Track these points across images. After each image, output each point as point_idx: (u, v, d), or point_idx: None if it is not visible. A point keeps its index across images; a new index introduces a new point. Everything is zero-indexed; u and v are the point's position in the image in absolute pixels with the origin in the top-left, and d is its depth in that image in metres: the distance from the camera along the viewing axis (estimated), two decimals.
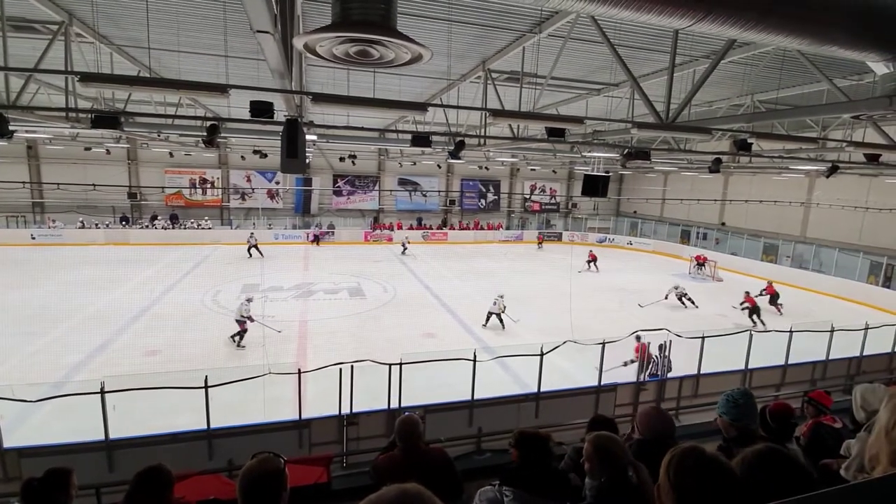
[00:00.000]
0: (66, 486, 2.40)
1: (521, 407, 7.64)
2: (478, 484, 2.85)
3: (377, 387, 7.15)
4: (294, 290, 17.45)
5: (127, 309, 14.30)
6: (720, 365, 8.99)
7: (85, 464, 5.82)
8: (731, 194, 27.09)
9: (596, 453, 2.21)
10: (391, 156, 29.61)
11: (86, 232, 25.16)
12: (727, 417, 2.62)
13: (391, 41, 2.73)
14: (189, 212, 28.70)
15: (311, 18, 7.05)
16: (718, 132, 10.51)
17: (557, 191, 36.12)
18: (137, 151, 27.01)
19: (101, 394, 6.13)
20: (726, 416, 2.62)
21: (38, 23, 7.91)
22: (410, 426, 2.95)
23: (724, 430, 2.65)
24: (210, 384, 6.44)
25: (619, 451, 2.18)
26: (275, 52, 4.07)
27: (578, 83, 11.49)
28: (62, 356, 10.84)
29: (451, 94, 12.49)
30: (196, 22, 7.85)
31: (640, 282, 21.30)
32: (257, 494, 1.76)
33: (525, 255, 27.43)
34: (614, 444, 2.22)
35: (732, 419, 2.60)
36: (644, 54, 8.74)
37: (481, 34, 8.08)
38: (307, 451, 6.61)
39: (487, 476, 3.50)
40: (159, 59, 10.16)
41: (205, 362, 10.44)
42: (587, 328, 13.01)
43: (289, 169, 5.99)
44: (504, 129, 14.96)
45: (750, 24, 3.41)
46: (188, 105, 15.42)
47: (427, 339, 12.90)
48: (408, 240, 27.32)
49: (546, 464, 2.57)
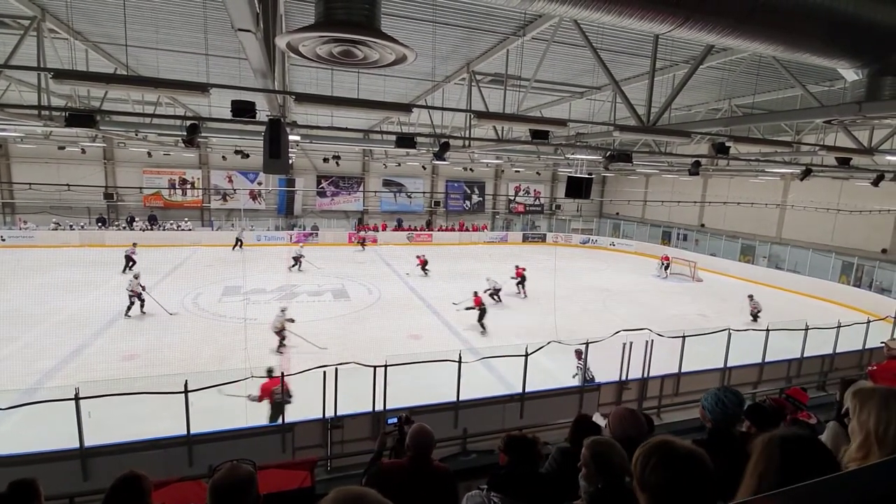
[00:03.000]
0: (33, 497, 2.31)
1: (506, 408, 7.67)
2: (465, 486, 2.85)
3: (362, 389, 7.09)
4: (277, 292, 17.24)
5: (103, 312, 13.93)
6: (700, 363, 9.17)
7: (58, 473, 5.64)
8: (710, 196, 27.67)
9: (594, 459, 2.18)
10: (376, 157, 29.49)
11: (60, 233, 24.43)
12: (710, 416, 2.67)
13: (375, 42, 2.71)
14: (168, 213, 28.10)
15: (293, 17, 6.98)
16: (697, 135, 10.74)
17: (541, 192, 36.43)
18: (114, 151, 26.36)
19: (76, 400, 5.96)
20: (710, 414, 2.67)
21: (8, 17, 7.67)
22: (427, 438, 2.87)
23: (703, 421, 2.72)
24: (190, 389, 6.30)
25: (617, 458, 2.16)
26: (257, 51, 4.02)
27: (562, 86, 11.61)
28: (34, 361, 10.51)
29: (436, 96, 12.51)
30: (175, 19, 7.70)
31: (622, 282, 21.60)
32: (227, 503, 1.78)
33: (510, 257, 27.56)
34: (612, 451, 2.19)
35: (714, 419, 2.65)
36: (626, 58, 8.87)
37: (466, 36, 8.11)
38: (291, 456, 6.52)
39: (473, 477, 3.51)
40: (137, 56, 9.94)
41: (185, 366, 10.23)
42: (571, 328, 13.14)
43: (271, 170, 5.92)
44: (489, 131, 15.03)
45: (727, 30, 3.50)
46: (167, 104, 15.12)
47: (412, 341, 12.85)
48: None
49: (534, 468, 2.56)
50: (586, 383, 8.45)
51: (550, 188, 36.57)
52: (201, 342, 12.05)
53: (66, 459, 5.86)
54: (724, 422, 2.62)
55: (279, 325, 11.80)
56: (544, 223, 36.24)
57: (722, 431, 2.60)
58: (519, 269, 18.85)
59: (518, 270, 18.77)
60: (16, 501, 2.24)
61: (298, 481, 5.08)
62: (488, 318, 14.04)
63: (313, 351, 11.29)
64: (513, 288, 18.28)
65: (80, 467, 5.87)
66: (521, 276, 18.65)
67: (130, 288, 13.90)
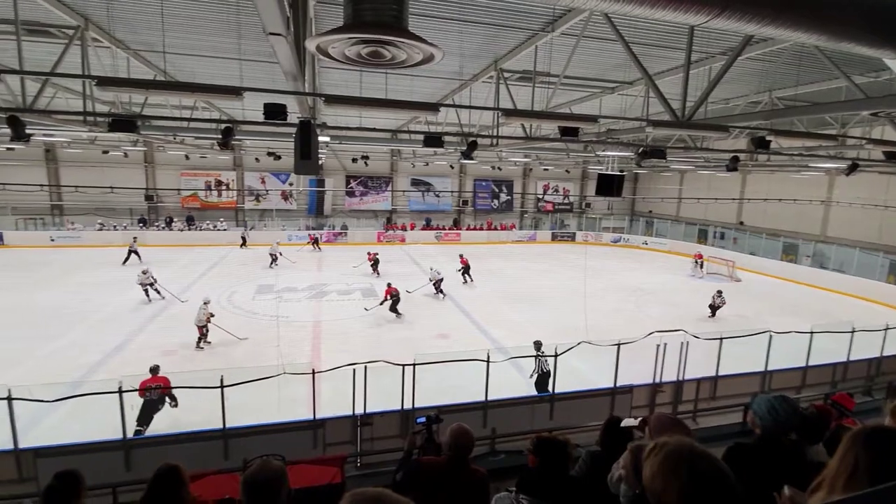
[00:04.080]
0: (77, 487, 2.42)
1: (536, 408, 7.59)
2: (493, 487, 2.82)
3: (390, 387, 7.15)
4: (308, 291, 17.58)
5: (144, 309, 14.53)
6: (739, 366, 8.83)
7: (102, 463, 5.91)
8: (750, 193, 26.62)
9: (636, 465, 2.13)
10: (404, 156, 29.68)
11: (104, 234, 25.63)
12: (760, 422, 2.55)
13: (403, 42, 2.71)
14: (205, 213, 29.09)
15: (323, 20, 7.08)
16: (736, 130, 10.34)
17: (571, 190, 35.89)
18: (154, 154, 27.44)
19: (119, 393, 6.23)
20: (760, 420, 2.55)
21: (54, 27, 8.05)
22: (467, 439, 2.83)
23: (751, 426, 2.60)
24: (225, 384, 6.50)
25: None
26: (287, 54, 4.09)
27: (592, 82, 11.38)
28: (80, 356, 11.05)
29: (464, 95, 12.47)
30: (210, 25, 7.93)
31: (656, 282, 21.05)
32: (258, 497, 1.86)
33: (540, 256, 27.28)
34: None
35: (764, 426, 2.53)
36: (659, 51, 8.61)
37: (493, 34, 8.04)
38: (321, 451, 6.64)
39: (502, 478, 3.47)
40: (174, 62, 10.30)
41: (221, 362, 10.55)
42: (602, 329, 12.87)
43: (302, 170, 6.02)
44: (517, 129, 14.89)
45: (767, 19, 3.33)
46: (203, 108, 15.61)
47: (440, 340, 12.88)
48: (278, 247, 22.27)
49: (565, 471, 2.49)
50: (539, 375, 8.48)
51: (580, 186, 35.99)
52: (235, 339, 12.39)
53: (110, 450, 6.13)
54: (775, 430, 2.49)
55: (203, 319, 11.74)
56: (574, 222, 35.71)
57: (771, 440, 2.48)
58: (463, 258, 19.99)
59: (462, 259, 19.91)
60: (61, 491, 2.35)
61: (329, 477, 5.17)
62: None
63: (343, 347, 11.44)
64: (459, 277, 19.52)
65: (122, 458, 6.13)
66: (466, 264, 19.77)
67: (140, 281, 15.48)
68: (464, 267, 19.75)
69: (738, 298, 18.19)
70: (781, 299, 18.57)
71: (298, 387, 7.86)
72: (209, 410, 6.63)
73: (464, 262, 19.90)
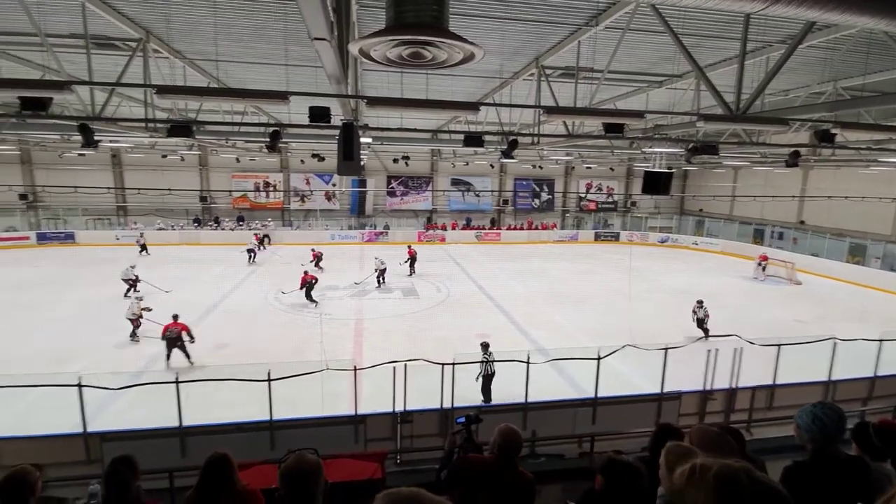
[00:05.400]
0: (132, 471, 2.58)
1: (578, 412, 7.43)
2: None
3: (430, 386, 7.20)
4: (349, 289, 17.97)
5: (199, 304, 15.32)
6: (798, 375, 8.30)
7: (160, 448, 6.27)
8: (812, 190, 24.93)
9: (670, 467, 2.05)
10: (444, 156, 29.81)
11: (163, 233, 27.23)
12: (806, 434, 2.39)
13: (444, 42, 2.72)
14: (254, 213, 30.37)
15: (366, 24, 7.21)
16: (796, 123, 9.72)
17: (615, 189, 34.89)
18: (208, 157, 28.89)
19: (176, 383, 6.60)
20: (806, 433, 2.39)
21: (119, 40, 8.61)
22: (516, 440, 2.76)
23: (799, 441, 2.44)
24: (272, 378, 6.75)
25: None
26: (331, 58, 4.19)
27: (638, 76, 11.00)
28: (142, 348, 11.78)
29: (504, 93, 12.37)
30: (259, 33, 8.25)
31: (706, 284, 20.12)
32: (295, 489, 1.93)
33: (582, 256, 26.71)
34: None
35: (812, 438, 2.37)
36: (711, 42, 8.21)
37: (535, 30, 7.93)
38: (363, 447, 6.77)
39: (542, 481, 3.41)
40: (226, 70, 10.79)
41: (268, 356, 10.97)
42: (647, 332, 12.44)
43: (345, 171, 6.16)
44: (558, 127, 14.63)
45: (830, 5, 3.10)
46: (252, 113, 16.28)
47: (480, 340, 12.83)
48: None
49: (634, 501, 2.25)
50: (484, 377, 8.31)
51: (625, 184, 34.93)
52: (282, 334, 12.86)
53: (167, 437, 6.50)
54: (824, 441, 2.33)
55: (136, 313, 12.31)
56: (618, 221, 34.70)
57: (827, 454, 2.31)
58: (410, 249, 20.75)
59: (410, 251, 20.65)
60: (119, 475, 2.51)
61: (370, 472, 5.26)
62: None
63: (384, 346, 11.61)
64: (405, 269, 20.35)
65: (179, 444, 6.49)
66: (412, 255, 20.49)
67: (124, 276, 16.21)
68: (410, 258, 20.48)
69: (797, 303, 17.13)
70: (846, 304, 17.31)
71: (340, 383, 8.05)
72: (257, 402, 6.89)
73: (411, 253, 20.68)
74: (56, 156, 25.22)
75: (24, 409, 7.71)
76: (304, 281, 15.46)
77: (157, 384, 6.93)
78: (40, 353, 11.25)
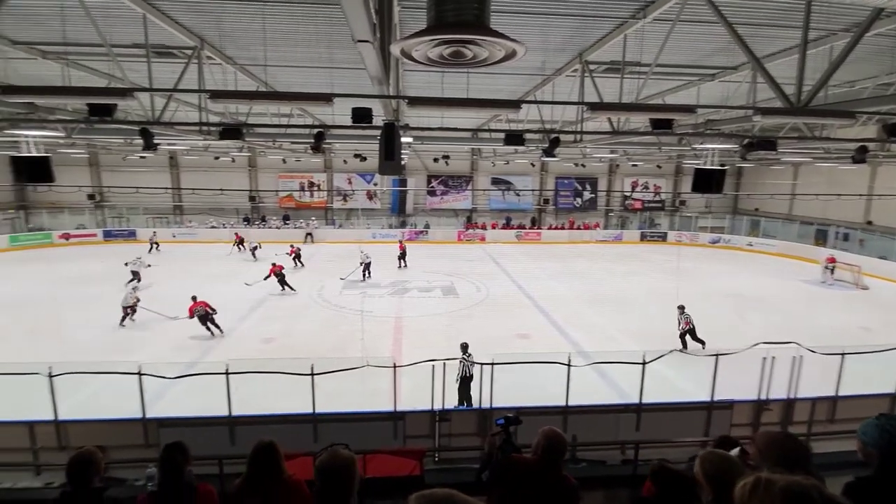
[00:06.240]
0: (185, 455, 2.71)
1: (621, 418, 7.21)
2: None
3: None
4: (390, 288, 18.22)
5: (248, 299, 15.98)
6: (864, 387, 7.71)
7: (211, 436, 6.58)
8: (881, 188, 23.07)
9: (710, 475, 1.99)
10: (484, 155, 29.70)
11: (215, 231, 28.63)
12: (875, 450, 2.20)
13: (484, 39, 2.69)
14: (299, 213, 31.41)
15: (408, 25, 7.27)
16: (863, 116, 9.01)
17: (662, 187, 33.61)
18: (256, 159, 30.11)
19: (226, 374, 6.90)
20: (875, 448, 2.21)
21: (176, 48, 9.09)
22: (561, 443, 2.68)
23: (862, 457, 2.25)
24: (315, 372, 6.95)
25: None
26: (374, 59, 4.25)
27: (689, 69, 10.53)
28: (194, 340, 12.41)
29: (546, 90, 12.16)
30: (305, 38, 8.49)
31: (762, 287, 19.07)
32: (330, 483, 1.97)
33: (626, 256, 25.94)
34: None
35: (882, 453, 2.18)
36: (769, 31, 7.75)
37: (579, 25, 7.74)
38: (402, 443, 6.85)
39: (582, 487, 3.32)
40: (274, 74, 11.17)
41: (311, 352, 11.29)
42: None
43: (386, 171, 6.25)
44: (602, 124, 14.26)
45: None
46: (298, 115, 16.79)
47: (519, 340, 12.71)
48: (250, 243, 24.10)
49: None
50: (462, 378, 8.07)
51: (673, 182, 33.59)
52: (325, 330, 13.21)
53: (218, 425, 6.81)
54: (894, 456, 2.14)
55: (130, 301, 13.46)
56: (665, 221, 33.42)
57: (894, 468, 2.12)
58: (401, 244, 22.48)
59: (400, 245, 22.30)
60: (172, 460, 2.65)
61: (409, 469, 5.32)
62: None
63: (423, 343, 11.70)
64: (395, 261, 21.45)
65: (228, 433, 6.79)
66: (403, 250, 21.90)
67: (134, 267, 17.59)
68: (401, 252, 21.68)
69: (863, 308, 15.94)
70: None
71: (380, 379, 8.17)
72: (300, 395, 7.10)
73: (401, 247, 22.04)
74: (120, 158, 27.06)
75: (91, 395, 8.29)
76: (273, 272, 15.90)
77: (209, 375, 7.27)
78: (106, 342, 12.10)
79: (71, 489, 2.50)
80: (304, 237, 27.94)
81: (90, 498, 2.50)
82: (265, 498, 2.45)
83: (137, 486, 4.56)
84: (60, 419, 6.75)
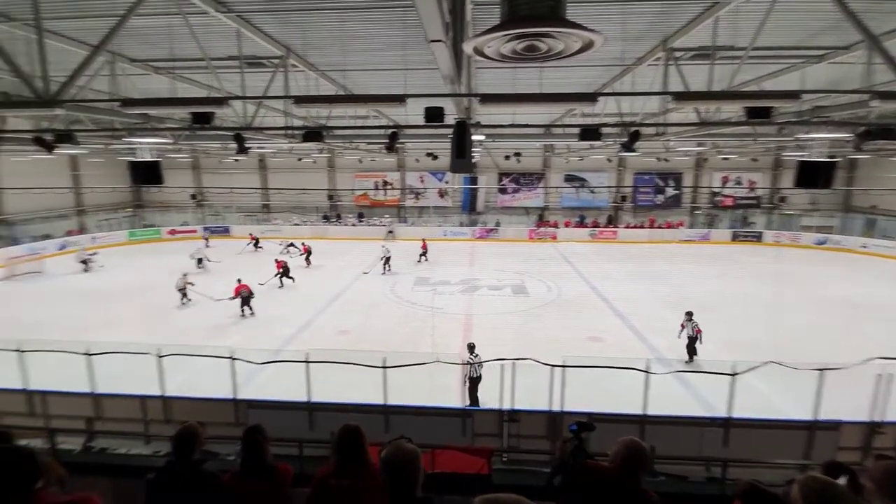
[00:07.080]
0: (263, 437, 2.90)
1: (706, 432, 6.69)
2: None
3: (538, 386, 7.04)
4: (460, 285, 18.35)
5: (327, 293, 16.86)
6: None
7: (292, 420, 7.02)
8: None
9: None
10: (557, 151, 28.91)
11: (298, 228, 30.54)
12: None
13: (559, 31, 2.61)
14: (373, 211, 32.62)
15: (480, 22, 7.24)
16: None
17: (758, 182, 30.68)
18: (335, 160, 31.66)
19: (306, 363, 7.33)
20: None
21: (265, 58, 9.77)
22: (641, 455, 2.55)
23: None
24: (387, 365, 7.16)
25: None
26: (446, 58, 4.28)
27: (791, 50, 9.50)
28: (280, 329, 13.32)
29: (625, 81, 11.55)
30: (380, 42, 8.76)
31: (879, 294, 16.84)
32: (395, 475, 2.08)
33: (714, 258, 24.08)
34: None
35: None
36: (886, 5, 6.78)
37: (662, 10, 7.25)
38: (470, 440, 6.87)
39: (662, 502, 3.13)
40: (352, 78, 11.66)
41: (383, 345, 11.67)
42: (796, 348, 10.80)
43: (457, 169, 6.28)
44: (688, 115, 13.31)
45: None
46: (374, 116, 17.39)
47: (592, 343, 12.25)
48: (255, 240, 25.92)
49: None
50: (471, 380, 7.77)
51: (771, 177, 30.53)
52: (397, 325, 13.60)
53: (298, 410, 7.25)
54: None
55: (181, 285, 15.47)
56: (761, 219, 30.50)
57: None
58: (424, 243, 23.24)
59: (423, 244, 23.13)
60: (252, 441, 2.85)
61: (477, 467, 5.30)
62: None
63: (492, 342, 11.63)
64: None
65: (307, 418, 7.20)
66: (425, 248, 23.01)
67: (194, 255, 20.96)
68: (423, 251, 22.86)
69: None
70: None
71: (448, 375, 8.25)
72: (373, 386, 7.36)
73: (424, 246, 23.16)
74: (217, 161, 29.73)
75: (192, 374, 9.18)
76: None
77: (290, 362, 7.76)
78: (208, 328, 13.34)
79: (175, 459, 2.78)
80: (386, 234, 28.95)
81: (190, 469, 2.77)
82: (354, 480, 2.56)
83: (228, 460, 4.98)
84: (167, 395, 7.55)
